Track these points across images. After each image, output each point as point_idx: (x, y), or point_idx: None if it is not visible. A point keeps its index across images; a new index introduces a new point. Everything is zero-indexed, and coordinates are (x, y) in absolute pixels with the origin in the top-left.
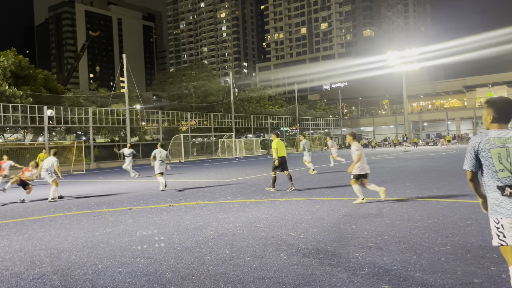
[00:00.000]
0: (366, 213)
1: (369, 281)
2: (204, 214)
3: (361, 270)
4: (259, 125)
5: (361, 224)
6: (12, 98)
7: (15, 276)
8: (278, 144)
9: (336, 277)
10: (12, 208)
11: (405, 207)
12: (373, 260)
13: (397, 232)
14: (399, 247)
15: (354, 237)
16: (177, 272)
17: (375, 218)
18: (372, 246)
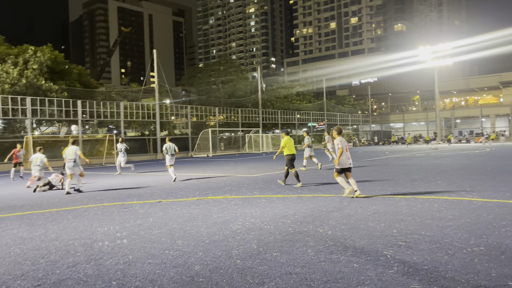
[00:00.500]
0: (395, 211)
1: (398, 280)
2: (232, 208)
3: (390, 268)
4: (286, 121)
5: (390, 222)
6: (48, 92)
7: (50, 264)
8: (288, 142)
9: (364, 275)
10: (48, 198)
11: (436, 206)
12: (402, 258)
13: (427, 231)
14: (429, 246)
15: (383, 235)
16: (205, 265)
17: (404, 216)
18: (401, 245)
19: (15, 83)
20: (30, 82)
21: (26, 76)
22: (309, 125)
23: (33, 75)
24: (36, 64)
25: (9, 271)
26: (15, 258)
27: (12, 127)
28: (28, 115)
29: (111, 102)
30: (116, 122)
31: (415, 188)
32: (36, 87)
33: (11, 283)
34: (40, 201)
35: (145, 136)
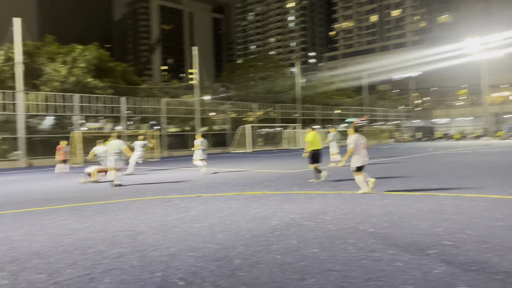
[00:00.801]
0: (440, 209)
1: (444, 280)
2: (270, 204)
3: (435, 268)
4: (325, 116)
5: (435, 221)
6: (94, 90)
7: (98, 254)
8: (315, 137)
9: (408, 274)
10: (95, 191)
11: (484, 205)
12: (448, 259)
13: (475, 231)
14: (478, 246)
15: (428, 233)
16: (246, 259)
17: (450, 215)
18: (447, 244)
19: (64, 81)
20: (78, 79)
21: (74, 74)
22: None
23: (80, 73)
24: (83, 62)
25: (60, 260)
26: (66, 247)
27: (62, 123)
28: (76, 111)
29: (153, 99)
30: (158, 118)
31: (462, 186)
32: (83, 84)
33: (62, 271)
34: (87, 194)
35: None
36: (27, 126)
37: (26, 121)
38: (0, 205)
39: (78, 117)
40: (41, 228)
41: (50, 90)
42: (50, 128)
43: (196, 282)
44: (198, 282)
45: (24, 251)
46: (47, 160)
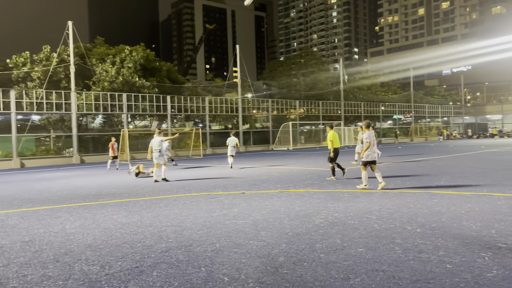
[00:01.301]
0: (493, 210)
1: (498, 284)
2: (314, 202)
3: (488, 271)
4: (369, 113)
5: (487, 222)
6: (141, 89)
7: (146, 248)
8: (334, 137)
9: (458, 277)
10: (142, 187)
11: None
12: (502, 261)
13: None
14: None
15: (480, 235)
16: (289, 257)
17: (504, 216)
18: (501, 247)
19: (113, 81)
20: (126, 79)
21: (122, 74)
22: (394, 118)
23: (128, 73)
24: (131, 62)
25: (111, 253)
26: (116, 241)
27: (111, 121)
28: (124, 110)
29: (197, 97)
30: (202, 116)
31: None
32: (131, 84)
33: (113, 263)
34: (135, 189)
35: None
36: (79, 125)
37: (78, 119)
38: (57, 200)
39: (126, 116)
40: (94, 221)
41: (100, 90)
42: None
43: (241, 278)
44: (242, 278)
45: (79, 243)
46: (97, 157)
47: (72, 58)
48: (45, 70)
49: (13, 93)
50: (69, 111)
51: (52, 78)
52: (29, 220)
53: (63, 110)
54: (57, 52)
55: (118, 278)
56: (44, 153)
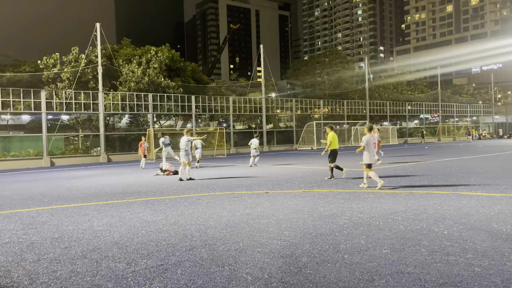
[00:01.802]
0: None
1: None
2: (338, 202)
3: None
4: (395, 112)
5: None
6: (166, 89)
7: (171, 246)
8: (334, 138)
9: (487, 281)
10: (167, 186)
11: None
12: None
13: None
14: None
15: (510, 238)
16: (313, 257)
17: None
18: None
19: (139, 81)
20: (152, 80)
21: (148, 75)
22: (421, 117)
23: (154, 73)
24: (156, 63)
25: (137, 250)
26: (142, 238)
27: (137, 121)
28: (150, 110)
29: (221, 97)
30: (226, 116)
31: None
32: (156, 84)
33: (139, 261)
34: (160, 188)
35: (251, 129)
36: (106, 124)
37: (105, 119)
38: (85, 198)
39: (151, 115)
40: (120, 219)
41: (127, 90)
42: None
43: (264, 278)
44: (266, 277)
45: (106, 241)
46: (123, 156)
47: (100, 59)
48: (73, 71)
49: (44, 94)
50: (96, 111)
51: (81, 79)
52: (58, 217)
53: (91, 110)
54: (86, 53)
55: (143, 275)
56: (72, 152)
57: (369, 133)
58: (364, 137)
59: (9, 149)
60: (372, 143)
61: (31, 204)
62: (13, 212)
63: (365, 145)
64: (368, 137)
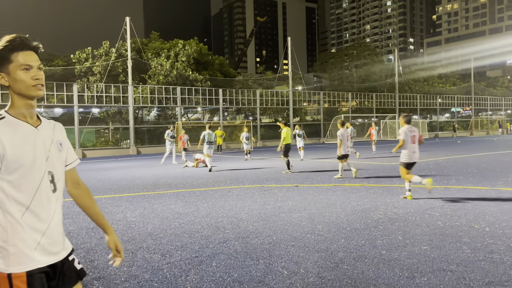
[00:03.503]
0: None
1: None
2: (371, 197)
3: None
4: (426, 106)
5: None
6: (194, 82)
7: (204, 238)
8: (287, 133)
9: None
10: (197, 178)
11: None
12: None
13: None
14: None
15: None
16: (349, 253)
17: None
18: None
19: (167, 74)
20: (180, 73)
21: (176, 68)
22: (452, 110)
23: (182, 66)
24: (184, 56)
25: (171, 242)
26: (175, 230)
27: (165, 114)
28: (178, 103)
29: (248, 90)
30: (252, 109)
31: None
32: (184, 77)
33: (173, 252)
34: (190, 180)
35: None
36: (135, 117)
37: (134, 112)
38: (117, 189)
39: (179, 108)
40: (153, 211)
41: (155, 83)
42: (154, 119)
43: (300, 272)
44: (302, 272)
45: (140, 232)
46: (152, 148)
47: (130, 53)
48: (104, 65)
49: (76, 87)
50: (126, 104)
51: (111, 72)
52: None
53: (121, 103)
54: (116, 47)
55: (178, 267)
56: (103, 144)
57: (342, 128)
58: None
59: None
60: (346, 136)
61: (66, 194)
62: None
63: (341, 139)
64: (341, 131)
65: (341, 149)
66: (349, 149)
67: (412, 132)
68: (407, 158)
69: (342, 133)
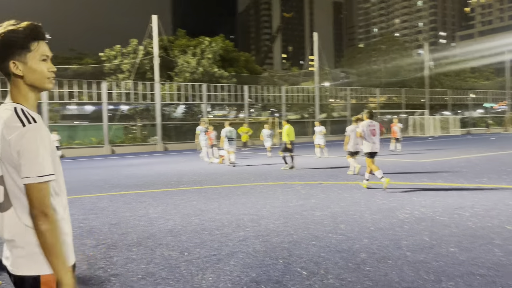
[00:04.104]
0: None
1: None
2: (397, 195)
3: None
4: (457, 101)
5: None
6: (220, 79)
7: (224, 236)
8: (290, 130)
9: None
10: (221, 175)
11: None
12: None
13: None
14: None
15: None
16: (372, 253)
17: None
18: None
19: (194, 72)
20: (206, 70)
21: (203, 65)
22: (485, 106)
23: (208, 63)
24: (210, 53)
25: (190, 239)
26: (195, 227)
27: (192, 111)
28: (204, 100)
29: (273, 86)
30: (278, 106)
31: None
32: (210, 74)
33: (192, 249)
34: (214, 177)
35: (304, 119)
36: (162, 114)
37: (161, 109)
38: (142, 185)
39: (205, 105)
40: (175, 207)
41: (182, 81)
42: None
43: (320, 273)
44: (322, 273)
45: (160, 228)
46: (179, 145)
47: (156, 51)
48: (132, 62)
49: (105, 85)
50: (153, 101)
51: (139, 70)
52: (117, 204)
53: (148, 100)
54: (143, 45)
55: (196, 265)
56: (131, 141)
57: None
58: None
59: (74, 137)
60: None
61: (92, 190)
62: (76, 198)
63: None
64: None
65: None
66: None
67: (372, 126)
68: (369, 149)
69: (353, 130)
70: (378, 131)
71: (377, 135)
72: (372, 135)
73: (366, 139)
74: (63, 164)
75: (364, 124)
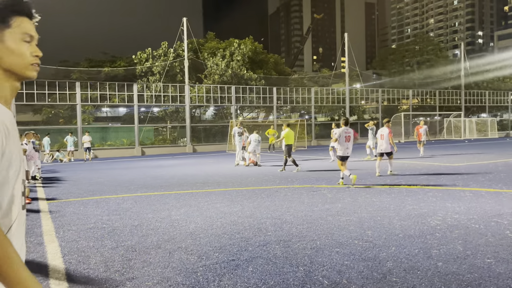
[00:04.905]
0: None
1: None
2: (429, 201)
3: None
4: (495, 103)
5: None
6: (248, 81)
7: (244, 240)
8: (289, 134)
9: None
10: (246, 177)
11: None
12: None
13: None
14: None
15: None
16: (399, 263)
17: None
18: None
19: (223, 74)
20: (235, 72)
21: (232, 67)
22: None
23: (237, 66)
24: (239, 55)
25: (210, 243)
26: (216, 230)
27: (220, 113)
28: (233, 102)
29: (302, 88)
30: (307, 108)
31: None
32: (239, 76)
33: (211, 254)
34: (240, 179)
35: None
36: (191, 116)
37: (191, 111)
38: (168, 186)
39: (234, 107)
40: (198, 209)
41: (211, 83)
42: (210, 117)
43: (342, 283)
44: (344, 283)
45: (181, 231)
46: (207, 146)
47: (186, 53)
48: (163, 65)
49: (136, 87)
50: (183, 103)
51: (169, 72)
52: (141, 205)
53: (178, 102)
54: (173, 47)
55: (213, 270)
56: (161, 142)
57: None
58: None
59: (106, 138)
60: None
61: (119, 191)
62: (102, 198)
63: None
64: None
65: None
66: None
67: (347, 133)
68: (341, 153)
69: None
70: (352, 137)
71: (351, 141)
72: (346, 141)
73: (340, 144)
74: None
75: (340, 130)
